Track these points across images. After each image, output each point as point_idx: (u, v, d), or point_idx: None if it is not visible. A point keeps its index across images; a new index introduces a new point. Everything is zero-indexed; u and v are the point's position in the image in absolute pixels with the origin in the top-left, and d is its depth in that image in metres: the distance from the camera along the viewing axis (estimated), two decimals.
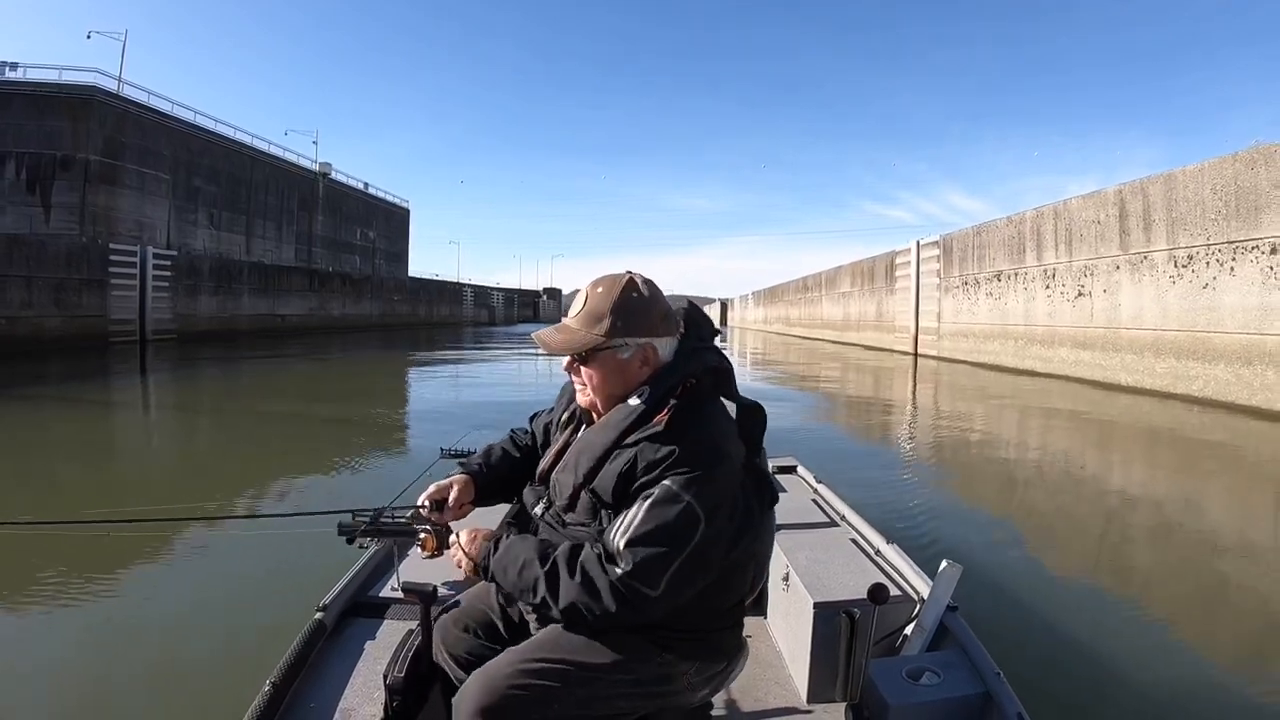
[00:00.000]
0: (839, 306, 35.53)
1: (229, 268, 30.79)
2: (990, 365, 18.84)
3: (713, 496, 1.38)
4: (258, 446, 8.31)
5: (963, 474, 7.89)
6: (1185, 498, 6.74)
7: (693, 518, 1.35)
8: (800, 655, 2.29)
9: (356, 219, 54.25)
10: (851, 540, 2.90)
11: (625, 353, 1.52)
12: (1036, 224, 17.44)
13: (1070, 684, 2.96)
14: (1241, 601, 4.09)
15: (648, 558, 1.35)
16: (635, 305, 1.53)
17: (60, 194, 26.82)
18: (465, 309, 66.09)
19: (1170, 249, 12.90)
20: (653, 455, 1.40)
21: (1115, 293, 14.43)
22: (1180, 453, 8.80)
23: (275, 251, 41.34)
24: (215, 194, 36.02)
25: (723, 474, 1.41)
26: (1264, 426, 9.97)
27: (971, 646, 2.08)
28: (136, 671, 3.12)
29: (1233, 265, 11.54)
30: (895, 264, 26.43)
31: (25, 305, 19.76)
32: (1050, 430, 10.75)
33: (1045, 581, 4.24)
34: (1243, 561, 4.83)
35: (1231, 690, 3.04)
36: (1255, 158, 11.11)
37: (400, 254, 64.16)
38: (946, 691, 1.91)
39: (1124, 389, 13.64)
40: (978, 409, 13.13)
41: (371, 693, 1.91)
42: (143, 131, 30.50)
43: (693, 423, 1.43)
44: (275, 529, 5.12)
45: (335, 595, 2.33)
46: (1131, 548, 5.14)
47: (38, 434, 9.01)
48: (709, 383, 1.53)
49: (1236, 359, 11.43)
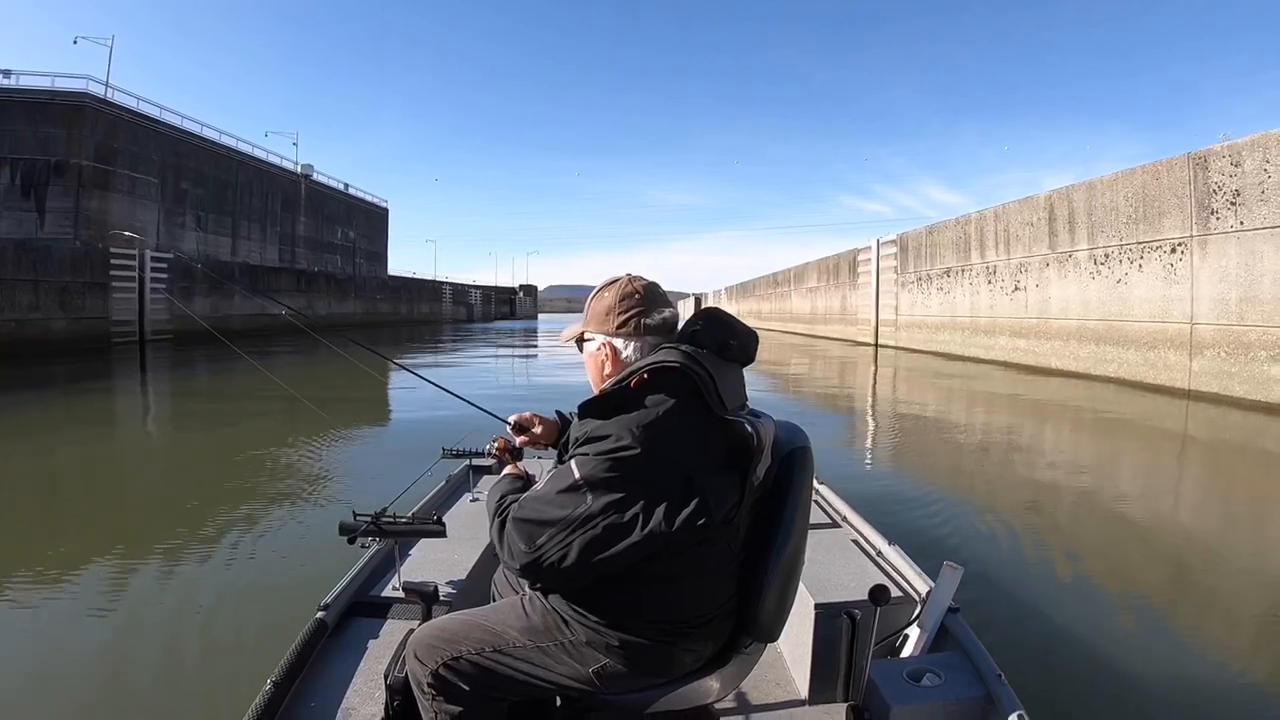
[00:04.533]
0: (807, 301, 37.30)
1: (221, 269, 31.63)
2: (941, 353, 20.44)
3: (605, 482, 1.37)
4: (257, 446, 8.21)
5: (923, 457, 8.27)
6: (1183, 497, 6.76)
7: (576, 494, 1.38)
8: (801, 656, 2.30)
9: (338, 219, 54.80)
10: (853, 541, 2.92)
11: (593, 345, 1.65)
12: (980, 225, 19.10)
13: (1072, 685, 2.94)
14: (1245, 602, 4.02)
15: (526, 518, 1.44)
16: (599, 304, 1.64)
17: (54, 199, 27.47)
18: (444, 307, 66.76)
19: (1091, 248, 14.54)
20: (575, 433, 1.49)
21: (1046, 287, 16.07)
22: (1167, 444, 9.02)
23: (260, 252, 41.94)
24: (202, 197, 36.65)
25: (628, 465, 1.38)
26: (1182, 404, 11.34)
27: (973, 648, 2.08)
28: (138, 671, 3.13)
29: (1141, 263, 13.13)
30: (858, 261, 28.16)
31: (33, 308, 20.50)
32: (1003, 415, 11.68)
33: (1047, 583, 4.22)
34: (1246, 563, 4.77)
35: (1235, 690, 3.02)
36: (1159, 169, 12.69)
37: (380, 253, 64.70)
38: (948, 693, 1.91)
39: (1054, 372, 15.24)
40: (931, 395, 14.58)
41: (372, 692, 1.92)
42: (133, 136, 31.13)
43: (624, 409, 1.43)
44: (277, 528, 5.15)
45: (336, 594, 2.34)
46: (1133, 548, 5.03)
47: (46, 439, 8.98)
48: (666, 383, 1.45)
49: (1144, 344, 13.00)
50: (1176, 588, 4.34)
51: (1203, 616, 3.86)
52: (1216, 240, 11.44)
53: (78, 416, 11.03)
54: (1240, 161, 10.92)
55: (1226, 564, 4.76)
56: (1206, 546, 5.15)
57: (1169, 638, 3.53)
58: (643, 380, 1.46)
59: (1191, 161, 11.91)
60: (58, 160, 27.70)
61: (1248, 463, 7.92)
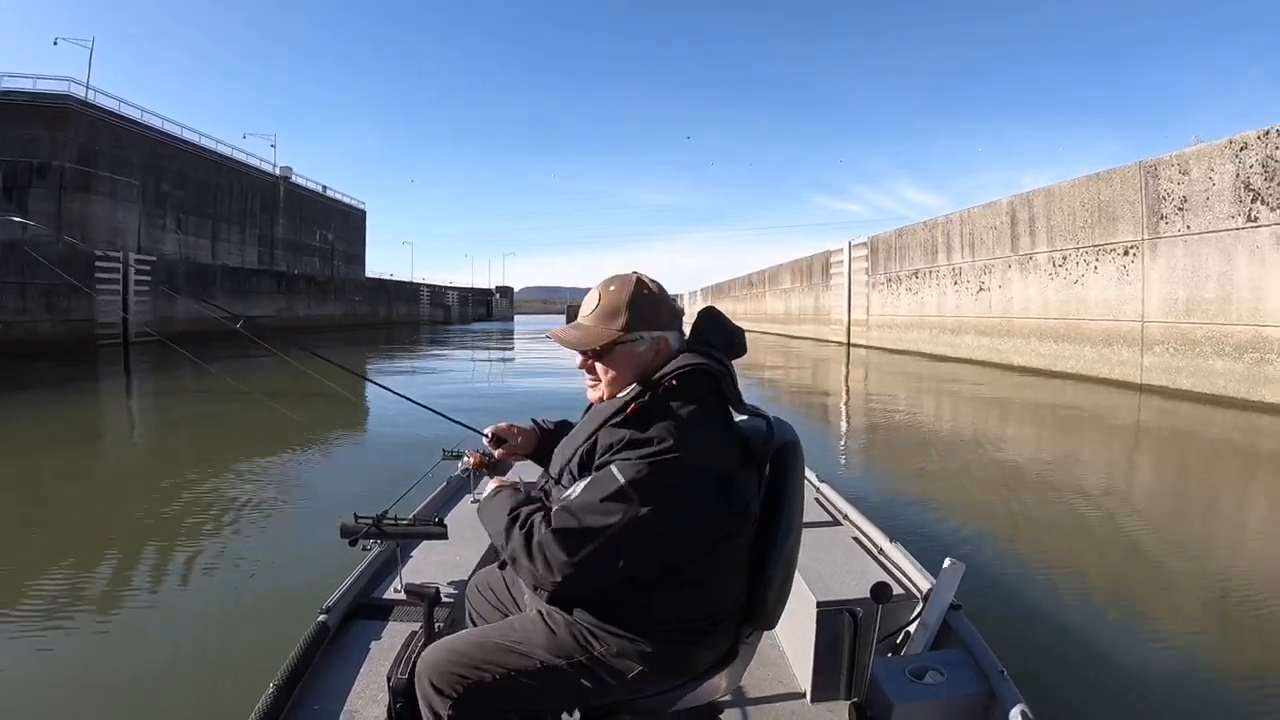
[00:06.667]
0: (781, 301, 38.16)
1: (203, 271, 31.79)
2: (910, 352, 21.24)
3: (651, 487, 1.36)
4: (253, 449, 8.10)
5: (908, 454, 8.48)
6: (1180, 491, 6.78)
7: (623, 499, 1.36)
8: (804, 654, 2.29)
9: (316, 221, 54.64)
10: (854, 539, 2.91)
11: (641, 345, 1.57)
12: (946, 229, 19.95)
13: (1075, 682, 2.93)
14: (1247, 600, 3.98)
15: (569, 527, 1.38)
16: (647, 301, 1.59)
17: (37, 201, 27.32)
18: (422, 308, 66.72)
19: (1050, 251, 15.38)
20: (608, 439, 1.44)
21: (1008, 287, 16.93)
22: (1145, 441, 9.28)
23: (239, 254, 41.78)
24: (183, 199, 36.53)
25: (671, 469, 1.38)
26: (1136, 397, 12.05)
27: (975, 645, 2.08)
28: (140, 673, 3.11)
29: (1096, 265, 13.96)
30: (830, 263, 29.06)
31: (20, 311, 20.55)
32: (983, 412, 12.20)
33: (1049, 579, 4.17)
34: (1247, 560, 4.75)
35: (1236, 686, 3.01)
36: (1113, 177, 13.53)
37: (357, 255, 64.43)
38: (950, 690, 1.90)
39: (1017, 369, 16.06)
40: (907, 391, 15.29)
41: (375, 695, 1.91)
42: (114, 139, 31.02)
43: (656, 415, 1.43)
44: (277, 531, 5.21)
45: (338, 597, 2.32)
46: (1135, 544, 5.03)
47: (39, 445, 8.74)
48: (699, 385, 1.50)
49: (1100, 341, 13.83)
50: (1180, 584, 4.33)
51: (1205, 610, 3.89)
52: (1166, 244, 12.26)
53: (69, 420, 10.99)
54: (1188, 170, 11.74)
55: (1226, 559, 4.76)
56: (1206, 542, 5.17)
57: (1173, 635, 3.51)
58: (674, 383, 1.48)
59: (1143, 170, 12.72)
60: (40, 162, 27.63)
61: (1235, 459, 8.12)
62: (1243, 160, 10.70)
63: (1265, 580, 4.28)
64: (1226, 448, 8.72)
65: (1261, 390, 10.39)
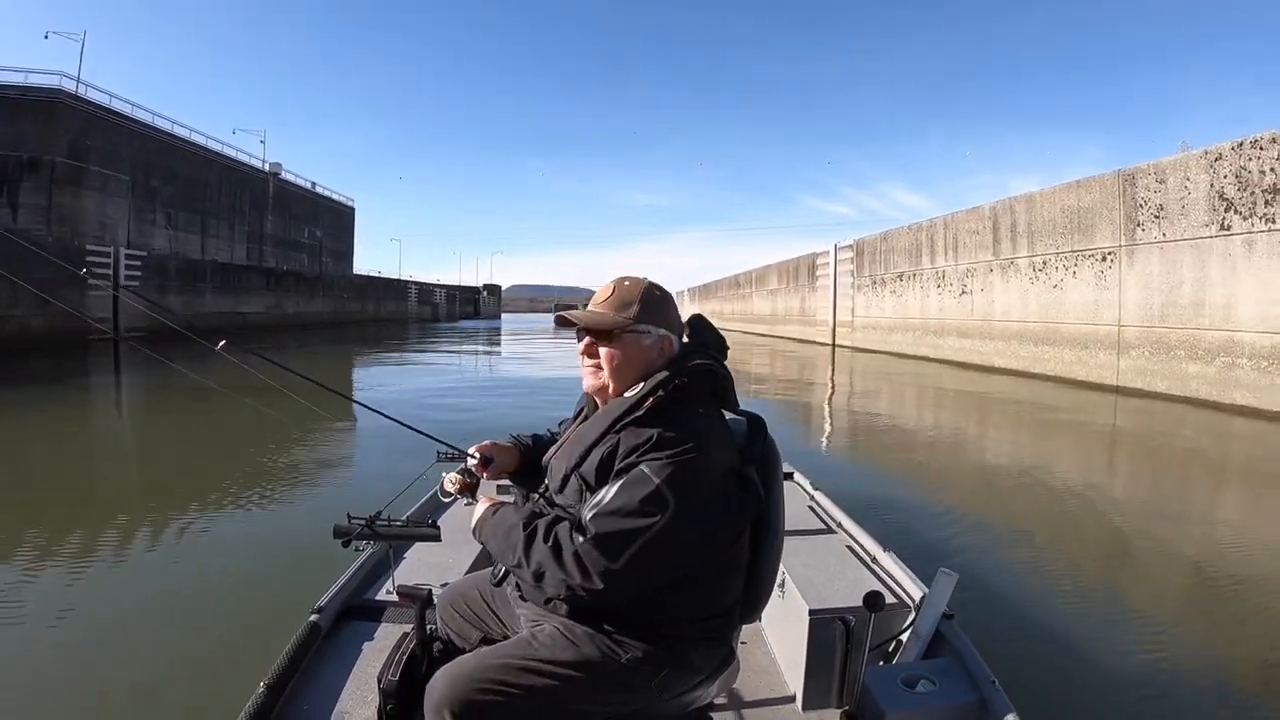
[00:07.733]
0: (768, 302, 38.45)
1: (194, 267, 31.75)
2: (894, 353, 21.58)
3: (684, 486, 1.37)
4: (248, 448, 8.03)
5: (898, 458, 8.56)
6: (1171, 498, 6.78)
7: (660, 501, 1.36)
8: (796, 662, 2.28)
9: (305, 218, 54.41)
10: (847, 547, 2.92)
11: (648, 339, 1.59)
12: (930, 233, 20.33)
13: (1066, 691, 2.93)
14: (1241, 609, 4.00)
15: (611, 532, 1.37)
16: (658, 301, 1.63)
17: (27, 195, 27.11)
18: (410, 306, 66.79)
19: (1031, 256, 15.77)
20: (634, 440, 1.43)
21: (990, 291, 17.30)
22: (1132, 444, 9.26)
23: (229, 250, 41.59)
24: (172, 194, 36.28)
25: (700, 468, 1.40)
26: (1113, 399, 12.37)
27: (967, 654, 2.09)
28: (131, 673, 3.10)
29: (1075, 269, 14.34)
30: (816, 264, 29.45)
31: (12, 305, 20.50)
32: (969, 415, 12.43)
33: (1041, 589, 4.18)
34: (1242, 565, 4.74)
35: (1228, 697, 3.02)
36: (1092, 185, 13.91)
37: (345, 252, 64.19)
38: (942, 699, 1.91)
39: (998, 370, 16.41)
40: (893, 393, 15.60)
41: (365, 696, 1.90)
42: (105, 133, 30.79)
43: (676, 415, 1.45)
44: (270, 530, 5.17)
45: (330, 597, 2.32)
46: (1128, 553, 5.08)
47: (22, 447, 8.52)
48: (705, 386, 1.55)
49: (1078, 344, 14.20)
50: (1173, 593, 4.34)
51: (1198, 620, 3.90)
52: (1142, 250, 12.65)
53: (61, 417, 10.95)
54: (1164, 179, 12.13)
55: (1225, 569, 4.71)
56: (1200, 551, 5.14)
57: (1166, 643, 3.50)
58: (684, 384, 1.50)
59: (1121, 178, 13.12)
60: (31, 157, 27.39)
61: (1214, 463, 8.23)
62: (1217, 171, 11.09)
63: (1257, 588, 4.31)
64: (1212, 452, 8.82)
65: (1233, 393, 10.74)
